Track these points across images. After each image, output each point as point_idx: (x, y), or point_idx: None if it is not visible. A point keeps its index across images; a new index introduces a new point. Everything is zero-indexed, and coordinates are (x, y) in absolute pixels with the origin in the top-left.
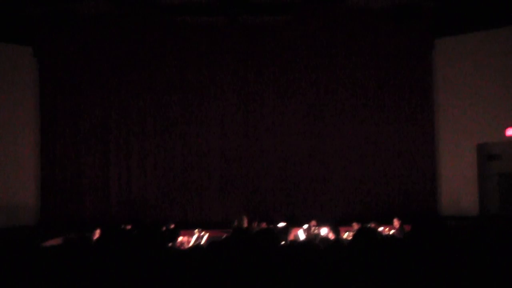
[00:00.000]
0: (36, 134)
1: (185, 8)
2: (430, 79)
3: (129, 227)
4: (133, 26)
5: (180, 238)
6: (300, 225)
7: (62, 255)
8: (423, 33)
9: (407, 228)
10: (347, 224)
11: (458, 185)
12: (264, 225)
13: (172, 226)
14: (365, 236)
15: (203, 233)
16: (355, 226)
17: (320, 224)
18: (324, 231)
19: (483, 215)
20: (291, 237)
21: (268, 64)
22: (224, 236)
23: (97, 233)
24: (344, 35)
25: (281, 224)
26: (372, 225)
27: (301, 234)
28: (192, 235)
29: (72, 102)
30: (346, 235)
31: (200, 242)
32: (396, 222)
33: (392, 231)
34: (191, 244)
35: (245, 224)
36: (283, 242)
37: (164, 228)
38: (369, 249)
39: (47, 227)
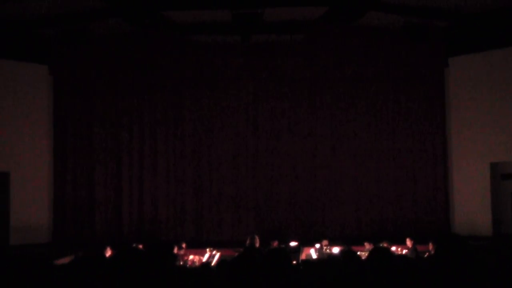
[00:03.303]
0: (50, 154)
1: (199, 27)
2: (443, 98)
3: (140, 246)
4: (147, 45)
5: (191, 257)
6: (312, 245)
7: (74, 273)
8: (436, 52)
9: (420, 248)
10: (359, 243)
11: (471, 205)
12: (275, 243)
13: (184, 245)
14: (380, 256)
15: (214, 252)
16: (367, 246)
17: (332, 243)
18: (336, 250)
19: (497, 235)
20: (303, 256)
21: (281, 83)
22: (235, 254)
23: (108, 251)
24: (356, 54)
25: (292, 243)
26: (385, 244)
27: (313, 254)
28: (203, 254)
29: (85, 121)
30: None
31: (212, 261)
32: (408, 242)
33: (404, 251)
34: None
35: (257, 244)
36: (294, 262)
37: (176, 248)
38: (386, 269)
39: (59, 245)
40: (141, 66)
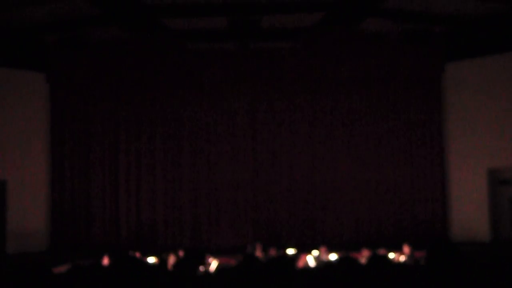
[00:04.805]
0: (47, 161)
1: (197, 34)
2: (441, 103)
3: (138, 254)
4: (145, 52)
5: None
6: (309, 251)
7: (72, 281)
8: (434, 58)
9: (417, 254)
10: (356, 250)
11: (469, 210)
12: (273, 251)
13: (181, 253)
14: (378, 264)
15: (210, 259)
16: (365, 252)
17: (330, 249)
18: (334, 257)
19: (495, 240)
20: (300, 264)
21: (279, 90)
22: (233, 263)
23: (105, 259)
24: (354, 59)
25: (290, 251)
26: (383, 251)
27: (311, 261)
28: None
29: (82, 128)
30: None
31: (209, 269)
32: (406, 248)
33: (402, 258)
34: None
35: (258, 252)
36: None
37: (172, 256)
38: (384, 277)
39: (57, 253)
40: (138, 74)
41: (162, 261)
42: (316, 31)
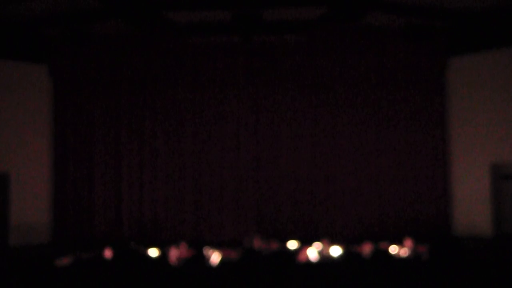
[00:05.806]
0: (49, 153)
1: (200, 27)
2: (444, 98)
3: (140, 247)
4: (147, 46)
5: None
6: (311, 245)
7: (75, 273)
8: (437, 52)
9: (420, 248)
10: (358, 243)
11: (471, 205)
12: (274, 244)
13: (183, 245)
14: (380, 258)
15: (211, 251)
16: (367, 246)
17: (331, 243)
18: (335, 250)
19: (498, 236)
20: (302, 257)
21: (282, 83)
22: (235, 255)
23: (107, 252)
24: (356, 54)
25: (291, 243)
26: (384, 245)
27: (313, 254)
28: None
29: (85, 121)
30: None
31: (211, 262)
32: (408, 242)
33: (404, 252)
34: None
35: (257, 244)
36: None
37: (174, 249)
38: (386, 271)
39: (59, 246)
40: (141, 67)
41: (164, 254)
42: (319, 25)
